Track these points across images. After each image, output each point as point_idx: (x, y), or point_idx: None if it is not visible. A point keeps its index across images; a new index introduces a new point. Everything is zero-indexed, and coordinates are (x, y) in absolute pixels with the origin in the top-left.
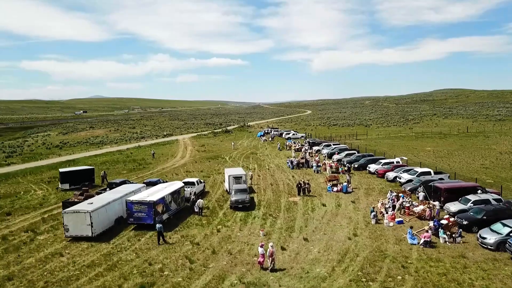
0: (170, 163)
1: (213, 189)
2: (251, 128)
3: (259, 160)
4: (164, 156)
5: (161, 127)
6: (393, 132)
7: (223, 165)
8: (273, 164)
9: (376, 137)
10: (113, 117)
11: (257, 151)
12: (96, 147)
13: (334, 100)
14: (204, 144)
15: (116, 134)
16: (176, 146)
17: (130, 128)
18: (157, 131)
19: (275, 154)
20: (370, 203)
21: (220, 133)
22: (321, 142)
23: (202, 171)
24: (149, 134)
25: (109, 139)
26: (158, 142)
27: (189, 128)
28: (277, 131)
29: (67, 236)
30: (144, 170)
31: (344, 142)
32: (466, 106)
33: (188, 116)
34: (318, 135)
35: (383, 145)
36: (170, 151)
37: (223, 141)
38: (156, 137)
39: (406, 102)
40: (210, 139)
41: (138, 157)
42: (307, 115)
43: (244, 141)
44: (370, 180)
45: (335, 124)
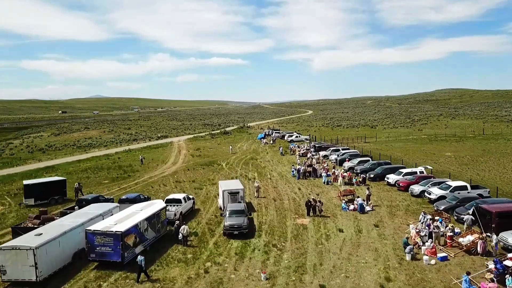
0: (159, 170)
1: (205, 206)
2: (251, 129)
3: (259, 167)
4: (154, 161)
5: (158, 128)
6: (402, 134)
7: (219, 173)
8: (276, 173)
9: (385, 139)
10: (111, 117)
11: (257, 156)
12: (83, 151)
13: (335, 100)
14: (200, 148)
15: (110, 135)
16: (169, 150)
17: (125, 129)
18: (153, 132)
19: (277, 160)
20: (398, 228)
21: (218, 135)
22: (328, 146)
23: (194, 181)
24: (143, 136)
25: (100, 142)
26: (150, 145)
27: (186, 129)
28: (278, 133)
29: (4, 280)
30: (128, 180)
31: (354, 146)
32: (471, 106)
33: (186, 116)
34: (324, 137)
35: (396, 150)
36: (162, 156)
37: (221, 144)
38: (150, 139)
39: (408, 102)
40: (207, 141)
41: (125, 163)
42: (308, 115)
43: (243, 144)
44: (390, 195)
45: (339, 125)
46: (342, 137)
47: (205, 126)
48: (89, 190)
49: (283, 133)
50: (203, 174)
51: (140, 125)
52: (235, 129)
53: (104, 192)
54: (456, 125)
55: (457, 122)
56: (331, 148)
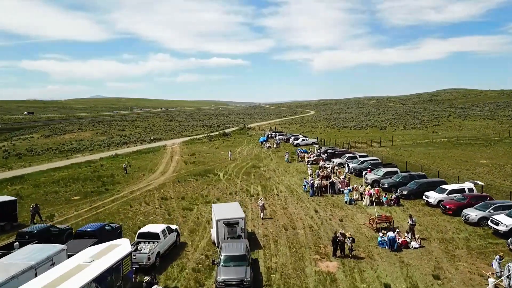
0: (144, 182)
1: (194, 238)
2: (252, 131)
3: (263, 178)
4: (141, 170)
5: (153, 130)
6: (417, 136)
7: (215, 186)
8: (283, 186)
9: (402, 143)
10: (109, 118)
11: (260, 164)
12: (64, 156)
13: (337, 100)
14: (195, 153)
15: (102, 137)
16: (160, 156)
17: (119, 131)
18: (147, 134)
19: (283, 169)
20: (468, 280)
21: (217, 137)
22: (342, 152)
23: (184, 198)
24: (136, 139)
25: (87, 145)
26: (141, 150)
27: (183, 131)
28: (282, 135)
29: None
30: (105, 195)
31: (371, 152)
32: (478, 106)
33: (185, 117)
34: (334, 141)
35: (419, 156)
36: (151, 163)
37: (219, 148)
38: (142, 142)
39: (412, 102)
40: (204, 145)
41: (107, 173)
42: (311, 116)
43: (243, 148)
44: (437, 221)
45: (346, 126)
46: (352, 140)
47: (204, 128)
48: (50, 212)
49: (287, 136)
50: (196, 188)
51: (136, 126)
52: (235, 131)
53: (70, 212)
54: (471, 126)
55: (470, 123)
56: (346, 154)
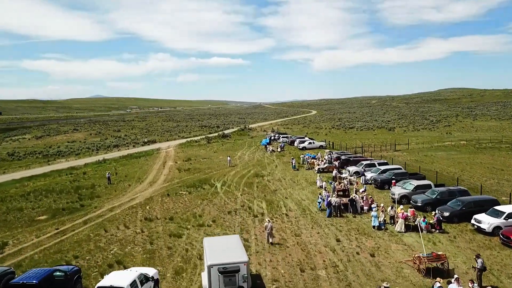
0: (129, 195)
1: (179, 284)
2: (253, 132)
3: (268, 191)
4: (128, 179)
5: (150, 130)
6: (432, 138)
7: (211, 201)
8: (293, 202)
9: (418, 146)
10: (108, 117)
11: (264, 171)
12: (46, 161)
13: (338, 99)
14: (191, 158)
15: (96, 138)
16: (152, 161)
17: (114, 131)
18: (143, 135)
19: (291, 178)
20: None
21: (216, 139)
22: (357, 159)
23: (172, 219)
24: (130, 140)
25: (74, 149)
26: (132, 153)
27: (181, 132)
28: (286, 137)
29: None
30: (78, 213)
31: (388, 158)
32: (485, 106)
33: (184, 116)
34: (345, 144)
35: (442, 162)
36: (140, 170)
37: (218, 152)
38: (135, 145)
39: (416, 101)
40: (202, 148)
41: (88, 182)
42: (313, 116)
43: (244, 152)
44: (497, 257)
45: (352, 127)
46: (362, 142)
47: (202, 128)
48: (4, 238)
49: (292, 138)
50: (188, 203)
51: (133, 126)
52: (235, 132)
53: (28, 239)
54: (484, 127)
55: (482, 124)
56: (363, 162)
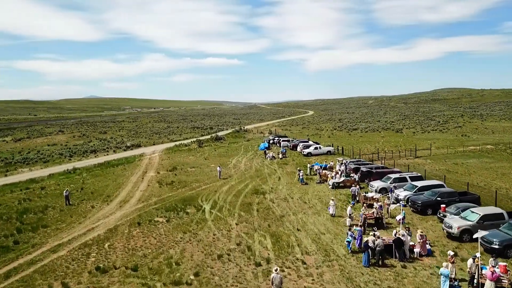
0: (85, 224)
1: None
2: (249, 134)
3: (272, 216)
4: (94, 197)
5: (138, 132)
6: (449, 142)
7: (195, 235)
8: (308, 236)
9: (441, 152)
10: (99, 118)
11: (264, 186)
12: (4, 172)
13: (334, 99)
14: (177, 167)
15: (79, 141)
16: (131, 171)
17: (100, 133)
18: (131, 138)
19: (300, 197)
20: None
21: (208, 142)
22: (382, 170)
23: (136, 269)
24: (117, 143)
25: (45, 154)
26: (110, 161)
27: (171, 134)
28: (287, 140)
29: None
30: (5, 256)
31: (411, 167)
32: (488, 106)
33: (177, 117)
34: (355, 150)
35: (481, 172)
36: (113, 184)
37: (209, 159)
38: (116, 150)
39: (414, 101)
40: (191, 153)
41: (41, 203)
42: (311, 116)
43: (240, 158)
44: None
45: (355, 128)
46: (375, 147)
47: (194, 130)
48: None
49: (293, 142)
50: (164, 239)
51: (122, 127)
52: (230, 134)
53: None
54: (499, 128)
55: (495, 125)
56: (389, 174)
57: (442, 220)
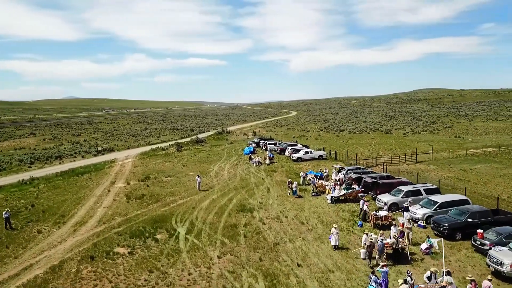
0: (22, 259)
1: None
2: (232, 135)
3: (263, 245)
4: (45, 217)
5: (114, 135)
6: (445, 143)
7: (165, 275)
8: (312, 276)
9: (442, 156)
10: (77, 119)
11: (252, 200)
12: None
13: (316, 100)
14: (151, 176)
15: (50, 144)
16: (96, 181)
17: (73, 136)
18: (106, 140)
19: (295, 215)
20: None
21: (188, 146)
22: (390, 181)
23: None
24: (87, 148)
25: (2, 161)
26: (76, 168)
27: (148, 136)
28: (274, 144)
29: None
30: None
31: (419, 175)
32: (470, 106)
33: (157, 118)
34: (348, 153)
35: (496, 181)
36: (72, 199)
37: (188, 165)
38: (85, 155)
39: (397, 101)
40: (168, 159)
41: None
42: (295, 117)
43: (223, 165)
44: None
45: (342, 129)
46: (368, 149)
47: (173, 132)
48: None
49: (281, 145)
50: (123, 283)
51: (98, 129)
52: (211, 136)
53: None
54: (490, 129)
55: (485, 125)
56: (398, 185)
57: (478, 249)
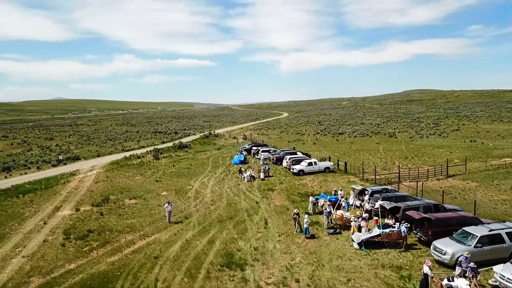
0: None
1: None
2: (220, 139)
3: None
4: None
5: (90, 138)
6: (468, 150)
7: None
8: None
9: (474, 168)
10: (60, 121)
11: (242, 243)
12: None
13: (307, 101)
14: (111, 196)
15: (17, 149)
16: (37, 205)
17: (46, 140)
18: (77, 146)
19: (311, 277)
20: None
21: (168, 151)
22: (443, 212)
23: None
24: (56, 154)
25: None
26: (21, 184)
27: (127, 140)
28: (269, 151)
29: None
30: None
31: (466, 200)
32: (467, 107)
33: (142, 119)
34: (358, 163)
35: None
36: None
37: (162, 181)
38: (41, 165)
39: (390, 102)
40: (141, 170)
41: None
42: (287, 118)
43: (206, 180)
44: None
45: (341, 132)
46: (379, 158)
47: (156, 135)
48: None
49: (277, 153)
50: None
51: (77, 131)
52: (197, 140)
53: None
54: (503, 132)
55: (494, 127)
56: (469, 228)
57: None
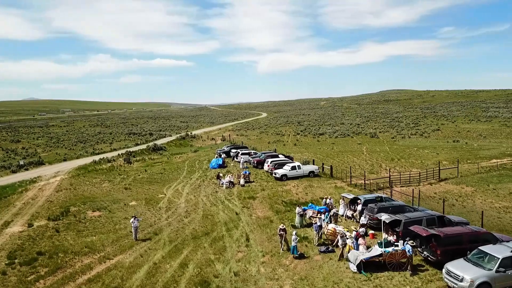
0: None
1: None
2: (198, 140)
3: None
4: None
5: (59, 141)
6: (453, 150)
7: None
8: None
9: (466, 170)
10: (32, 122)
11: (219, 265)
12: None
13: (285, 101)
14: (72, 208)
15: None
16: None
17: (11, 143)
18: (45, 149)
19: None
20: None
21: (142, 155)
22: (452, 228)
23: None
24: (20, 157)
25: None
26: None
27: (100, 142)
28: (249, 154)
29: None
30: None
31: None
32: (443, 107)
33: (117, 120)
34: (342, 166)
35: None
36: None
37: (131, 188)
38: (1, 171)
39: (367, 102)
40: (110, 176)
41: None
42: (266, 119)
43: (180, 187)
44: None
45: (321, 133)
46: (364, 159)
47: (130, 137)
48: None
49: (258, 155)
50: None
51: (48, 132)
52: (173, 142)
53: None
54: (481, 131)
55: (473, 127)
56: (486, 248)
57: None
